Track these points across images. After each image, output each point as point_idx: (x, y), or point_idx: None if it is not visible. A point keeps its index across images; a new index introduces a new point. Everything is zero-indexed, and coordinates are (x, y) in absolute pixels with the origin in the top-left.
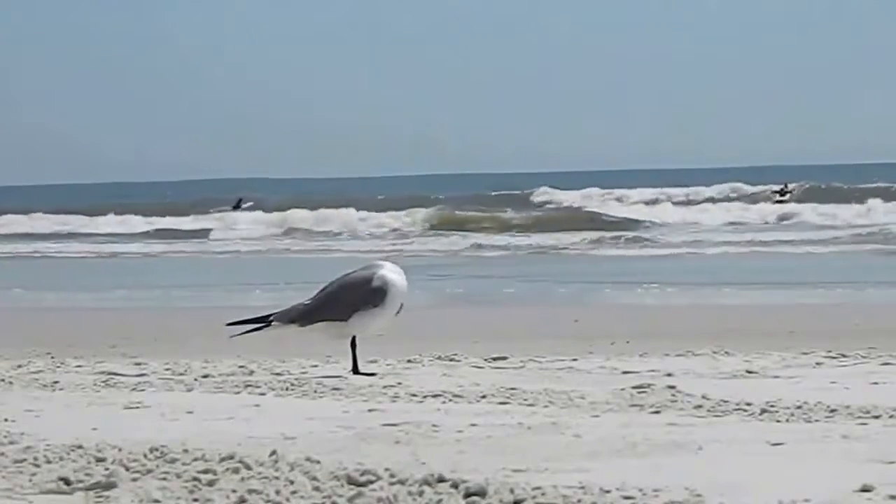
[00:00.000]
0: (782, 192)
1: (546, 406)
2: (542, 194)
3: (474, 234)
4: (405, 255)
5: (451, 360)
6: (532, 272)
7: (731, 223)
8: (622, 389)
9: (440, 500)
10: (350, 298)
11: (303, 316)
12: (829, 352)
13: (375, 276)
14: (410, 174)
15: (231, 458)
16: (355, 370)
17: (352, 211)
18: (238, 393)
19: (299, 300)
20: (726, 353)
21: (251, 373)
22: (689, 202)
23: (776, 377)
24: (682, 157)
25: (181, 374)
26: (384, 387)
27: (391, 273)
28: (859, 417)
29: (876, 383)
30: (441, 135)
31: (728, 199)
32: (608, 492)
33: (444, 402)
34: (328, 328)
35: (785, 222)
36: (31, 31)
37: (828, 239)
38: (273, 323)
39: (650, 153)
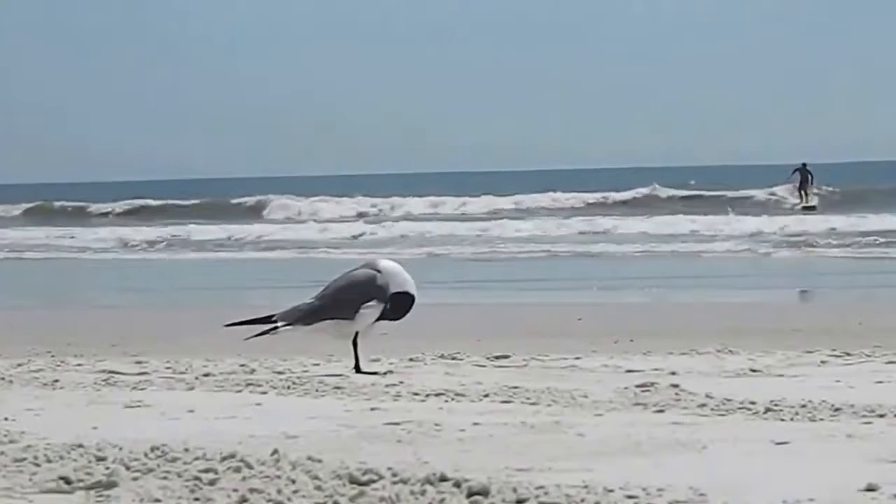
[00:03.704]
0: (802, 193)
1: (549, 405)
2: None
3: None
4: None
5: (454, 358)
6: None
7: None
8: (626, 388)
9: (443, 500)
10: (355, 295)
11: (308, 315)
12: (834, 350)
13: (380, 272)
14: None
15: (232, 457)
16: (357, 369)
17: None
18: (239, 392)
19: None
20: (730, 351)
21: (252, 371)
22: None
23: (780, 376)
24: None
25: (182, 373)
26: (386, 385)
27: (394, 270)
28: (864, 416)
29: (881, 382)
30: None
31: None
32: (612, 491)
33: (446, 401)
34: (333, 326)
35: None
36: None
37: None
38: (279, 325)
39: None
